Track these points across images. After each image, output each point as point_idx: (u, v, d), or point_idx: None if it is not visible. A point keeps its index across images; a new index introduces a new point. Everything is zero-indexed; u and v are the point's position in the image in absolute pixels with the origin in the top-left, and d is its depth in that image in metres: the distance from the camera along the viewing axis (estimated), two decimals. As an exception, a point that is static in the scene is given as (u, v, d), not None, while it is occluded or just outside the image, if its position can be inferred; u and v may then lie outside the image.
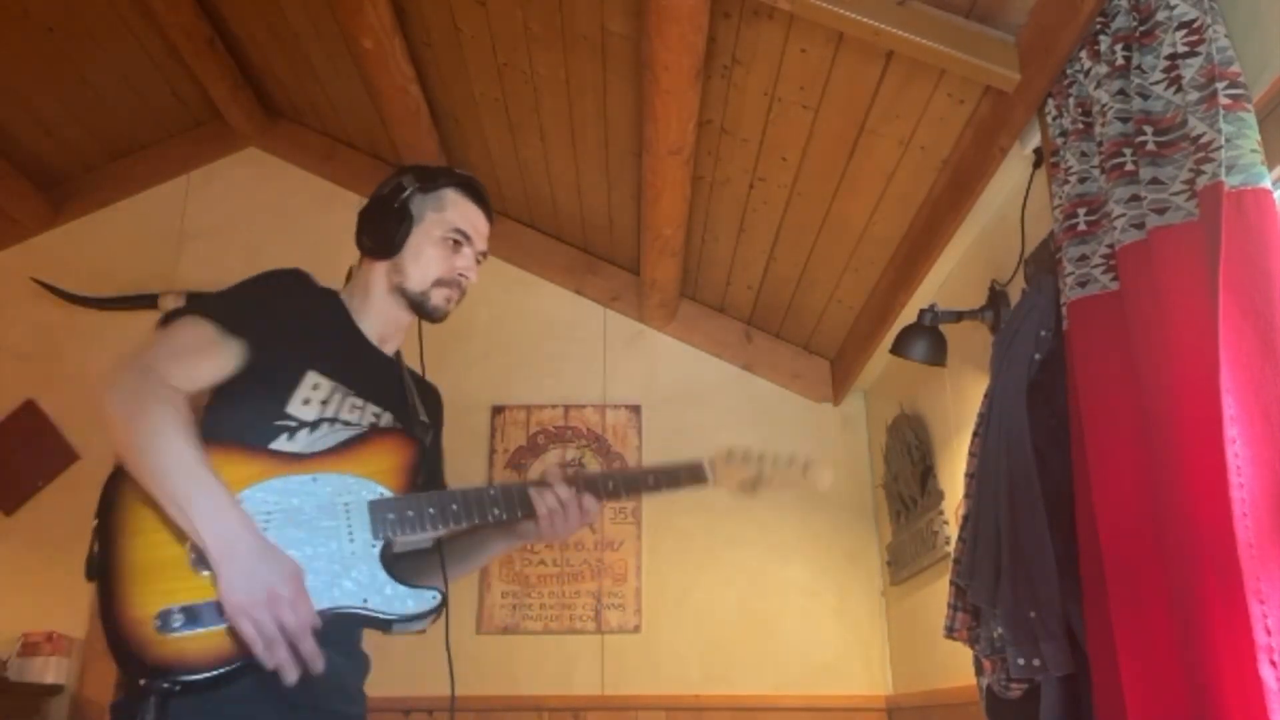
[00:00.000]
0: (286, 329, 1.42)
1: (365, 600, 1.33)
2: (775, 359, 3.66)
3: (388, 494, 1.38)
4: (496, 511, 1.44)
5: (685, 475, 1.52)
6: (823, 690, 3.23)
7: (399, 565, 1.39)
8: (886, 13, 2.02)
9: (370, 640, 1.48)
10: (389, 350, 1.60)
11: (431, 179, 1.57)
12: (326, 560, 1.31)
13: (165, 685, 1.18)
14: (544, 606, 3.32)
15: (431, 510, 1.39)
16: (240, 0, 3.25)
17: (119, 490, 1.28)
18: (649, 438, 3.54)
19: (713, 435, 3.54)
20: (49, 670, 3.16)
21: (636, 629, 3.31)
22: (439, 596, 1.37)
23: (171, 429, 1.25)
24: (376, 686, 1.54)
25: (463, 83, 3.11)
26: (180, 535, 1.24)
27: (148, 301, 3.62)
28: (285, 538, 1.29)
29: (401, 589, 1.35)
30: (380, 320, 1.56)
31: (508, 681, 3.22)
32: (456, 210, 1.57)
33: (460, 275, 1.56)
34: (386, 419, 1.52)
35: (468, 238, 1.57)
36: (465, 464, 3.47)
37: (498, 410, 3.58)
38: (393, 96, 3.08)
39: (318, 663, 1.25)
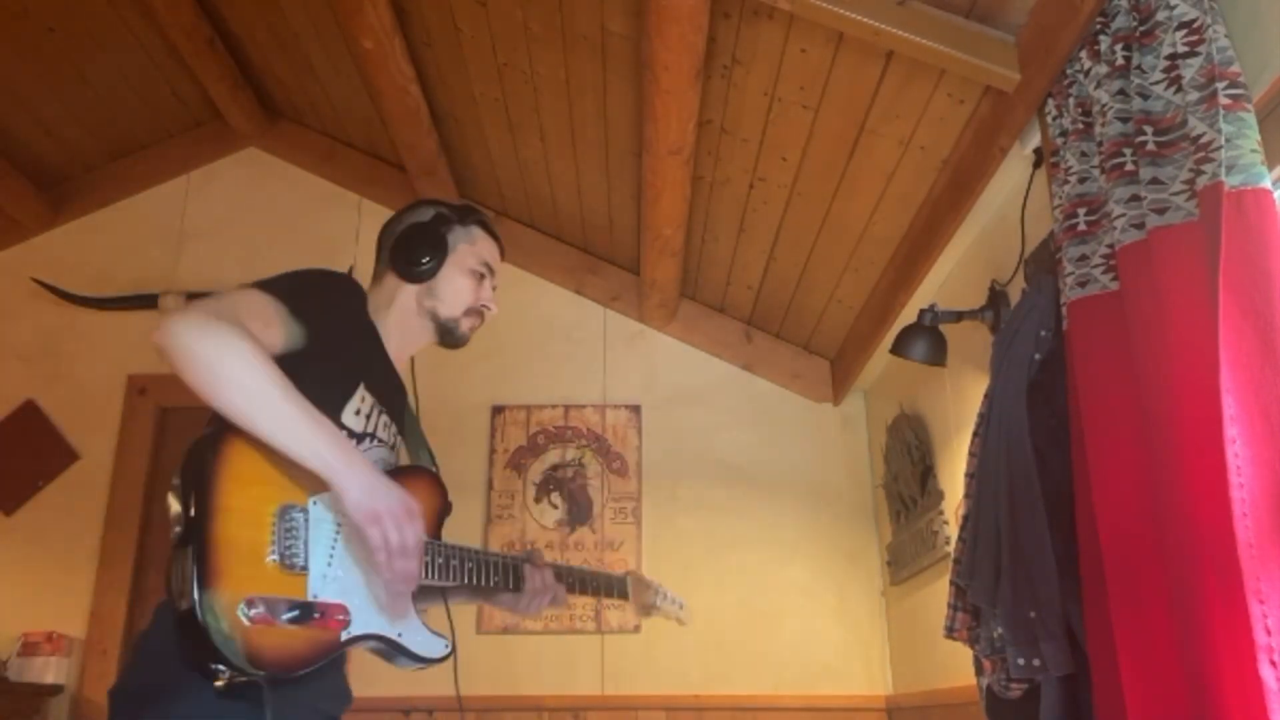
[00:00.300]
0: (345, 332, 1.46)
1: (400, 635, 1.38)
2: (775, 359, 3.66)
3: (423, 537, 1.40)
4: (496, 579, 1.56)
5: (617, 588, 1.83)
6: (823, 690, 3.24)
7: None
8: (886, 13, 2.02)
9: (370, 640, 1.49)
10: (399, 367, 1.64)
11: (466, 214, 1.68)
12: (377, 587, 1.35)
13: (240, 676, 1.17)
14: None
15: (455, 562, 1.48)
16: (240, 0, 3.25)
17: (216, 460, 1.23)
18: (649, 438, 3.54)
19: (713, 435, 3.55)
20: (49, 670, 3.16)
21: (636, 629, 3.31)
22: (449, 648, 1.45)
23: (263, 355, 1.24)
24: (377, 687, 1.56)
25: (463, 83, 3.11)
26: (266, 522, 1.24)
27: (148, 301, 3.62)
28: (350, 553, 1.32)
29: (422, 630, 1.42)
30: (402, 340, 1.61)
31: (508, 681, 3.22)
32: (484, 245, 1.68)
33: (484, 305, 1.66)
34: (399, 441, 1.58)
35: (491, 271, 1.67)
36: (465, 464, 3.47)
37: (498, 410, 3.58)
38: (393, 96, 3.07)
39: (413, 581, 1.31)
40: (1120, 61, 1.56)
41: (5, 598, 3.31)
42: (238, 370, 1.21)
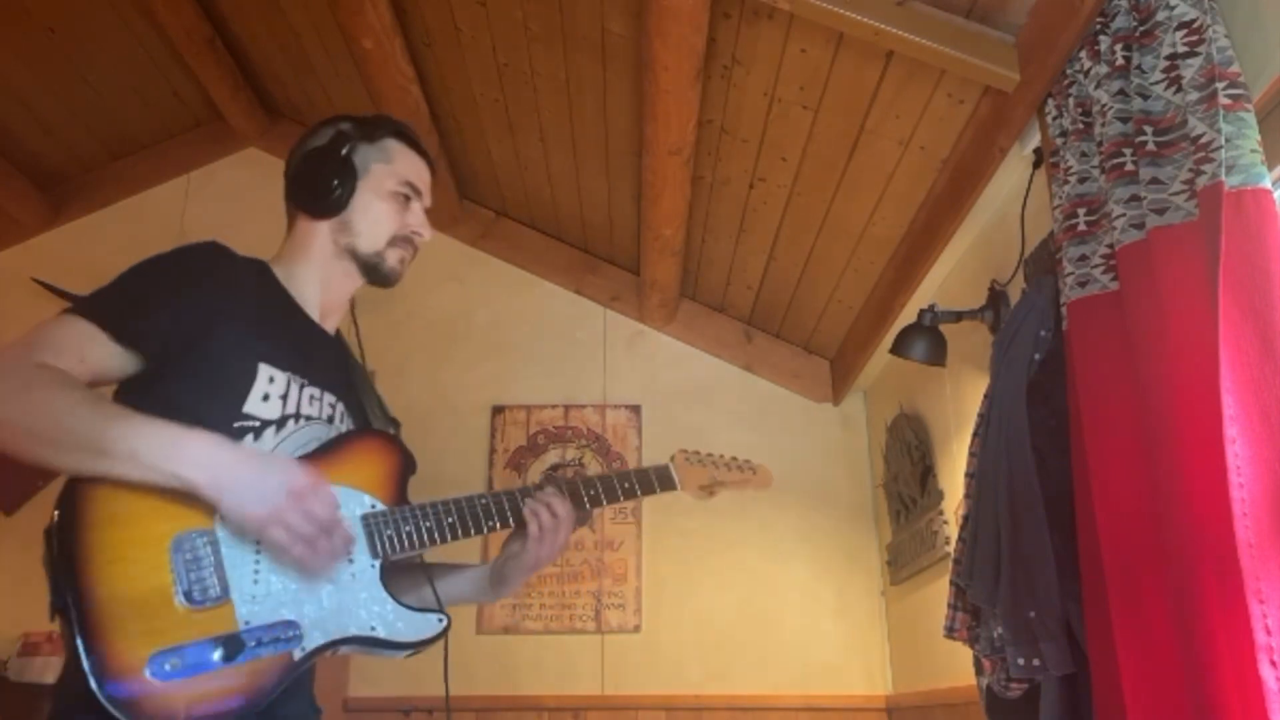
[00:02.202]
0: (215, 317, 1.23)
1: (373, 628, 1.22)
2: (775, 359, 3.66)
3: (380, 506, 1.27)
4: (490, 523, 1.35)
5: (658, 480, 1.52)
6: (823, 690, 3.23)
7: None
8: (886, 13, 2.02)
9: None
10: (330, 326, 1.43)
11: (373, 128, 1.43)
12: (330, 585, 1.19)
13: None
14: (544, 606, 3.32)
15: (428, 524, 1.29)
16: (240, 0, 3.25)
17: (82, 504, 1.08)
18: (649, 438, 3.54)
19: (713, 435, 3.54)
20: (49, 670, 3.16)
21: (636, 629, 3.31)
22: (444, 620, 1.28)
23: (77, 393, 1.07)
24: (376, 686, 1.53)
25: (463, 83, 3.11)
26: (161, 561, 1.07)
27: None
28: (280, 560, 1.15)
29: (405, 613, 1.25)
30: (324, 289, 1.39)
31: (508, 681, 3.22)
32: (403, 161, 1.43)
33: (414, 233, 1.42)
34: (340, 409, 1.37)
35: (417, 191, 1.43)
36: (465, 464, 3.47)
37: (498, 410, 3.58)
38: (393, 96, 3.07)
39: (351, 546, 1.17)
40: (1120, 61, 1.56)
41: (5, 598, 3.31)
42: (43, 421, 1.05)
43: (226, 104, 3.67)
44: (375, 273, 1.40)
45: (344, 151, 1.38)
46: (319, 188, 1.37)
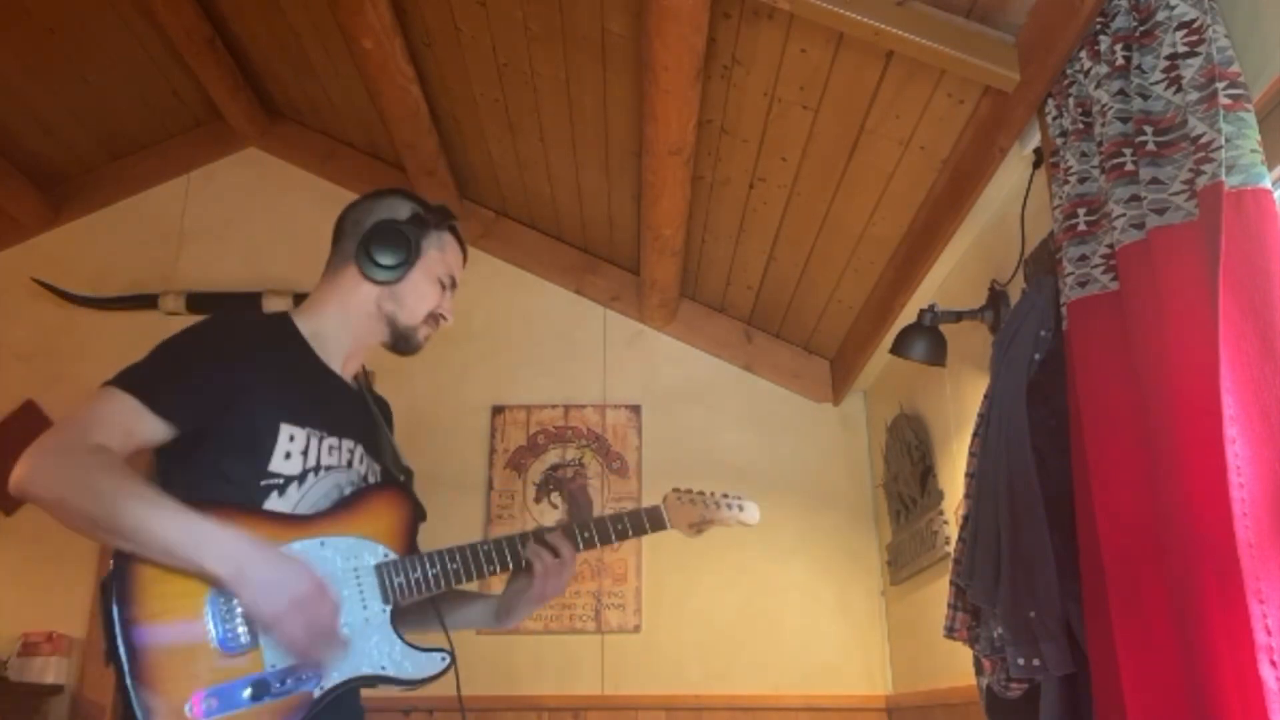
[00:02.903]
0: (239, 385, 1.35)
1: (384, 667, 1.37)
2: (775, 359, 3.66)
3: (391, 555, 1.41)
4: (491, 568, 1.49)
5: (649, 521, 1.64)
6: (823, 690, 3.23)
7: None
8: (886, 13, 2.02)
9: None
10: (349, 371, 1.55)
11: (438, 218, 1.58)
12: (346, 629, 1.33)
13: None
14: (544, 606, 3.31)
15: (434, 571, 1.43)
16: (240, 0, 3.25)
17: (131, 567, 1.22)
18: (649, 438, 3.54)
19: (713, 435, 3.55)
20: (49, 670, 3.16)
21: (636, 629, 3.31)
22: (448, 659, 1.42)
23: (126, 483, 1.21)
24: (377, 686, 1.53)
25: (463, 83, 3.11)
26: (200, 613, 1.23)
27: (148, 301, 3.62)
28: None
29: (413, 653, 1.40)
30: (350, 340, 1.53)
31: (508, 681, 3.22)
32: (452, 253, 1.60)
33: (442, 315, 1.59)
34: (359, 453, 1.50)
35: (454, 282, 1.61)
36: (465, 464, 3.47)
37: (498, 410, 3.58)
38: (393, 96, 3.07)
39: (343, 649, 1.30)
40: (1120, 61, 1.56)
41: (5, 598, 3.31)
42: (92, 506, 1.19)
43: (226, 104, 3.68)
44: (405, 342, 1.56)
45: (418, 233, 1.53)
46: (387, 259, 1.50)
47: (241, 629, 1.25)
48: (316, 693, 1.28)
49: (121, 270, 3.72)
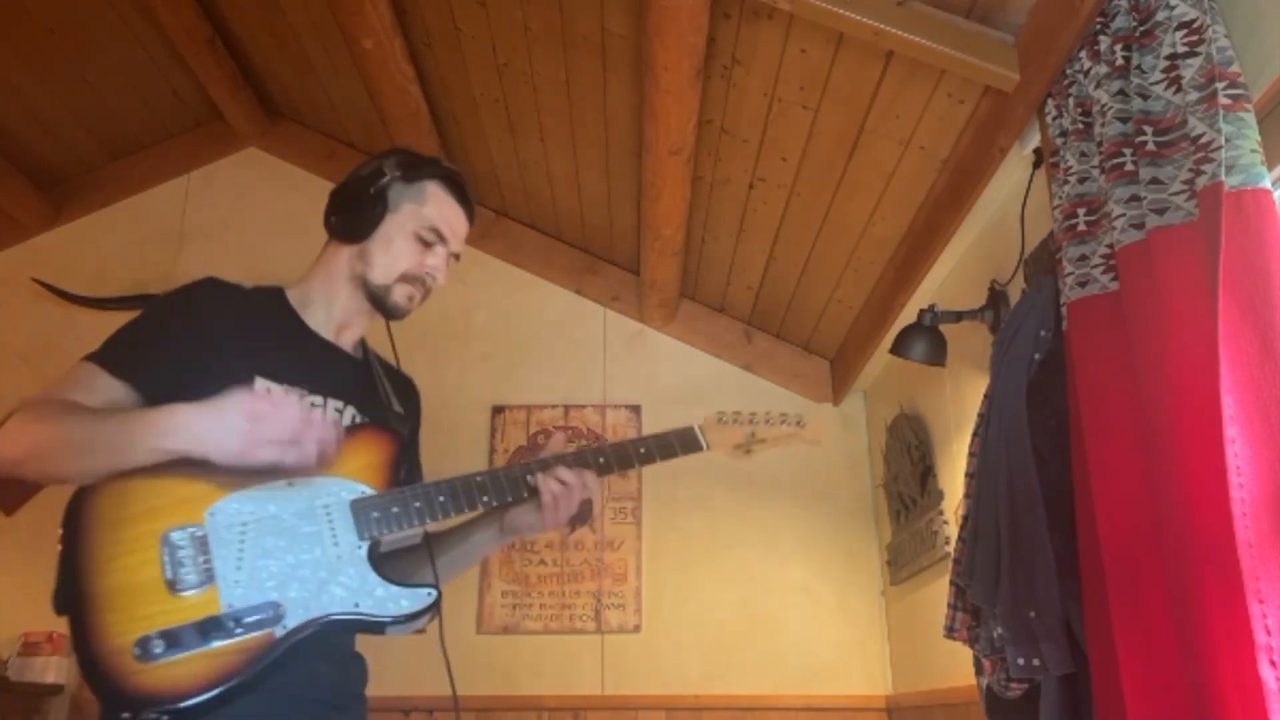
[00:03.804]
0: (218, 344, 1.34)
1: (356, 604, 1.27)
2: (775, 359, 3.66)
3: (369, 491, 1.33)
4: (485, 499, 1.40)
5: (679, 443, 1.52)
6: (823, 690, 3.23)
7: (387, 565, 1.33)
8: (886, 13, 2.02)
9: (370, 640, 1.46)
10: (348, 339, 1.50)
11: (415, 168, 1.47)
12: (312, 568, 1.26)
13: (152, 716, 1.14)
14: (544, 606, 3.32)
15: (417, 504, 1.34)
16: (240, 0, 3.25)
17: (81, 514, 1.21)
18: (649, 438, 3.54)
19: (713, 435, 3.54)
20: (49, 670, 3.16)
21: (636, 629, 3.31)
22: (434, 593, 1.32)
23: (78, 410, 1.22)
24: (376, 686, 1.53)
25: (463, 83, 3.11)
26: (152, 556, 1.19)
27: (148, 302, 3.62)
28: (264, 547, 1.24)
29: (393, 589, 1.29)
30: (337, 308, 1.47)
31: (508, 681, 3.22)
32: (436, 206, 1.47)
33: (427, 274, 1.47)
34: (350, 412, 1.43)
35: (442, 237, 1.48)
36: (465, 464, 3.44)
37: (498, 410, 3.58)
38: (393, 96, 3.08)
39: (331, 435, 1.25)
40: (1120, 61, 1.56)
41: (5, 598, 3.31)
42: (49, 438, 1.20)
43: (226, 104, 3.68)
44: (380, 304, 1.46)
45: (380, 185, 1.44)
46: (346, 213, 1.44)
47: (195, 568, 1.20)
48: (279, 632, 1.21)
49: (121, 270, 3.72)
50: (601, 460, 1.45)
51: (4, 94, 3.39)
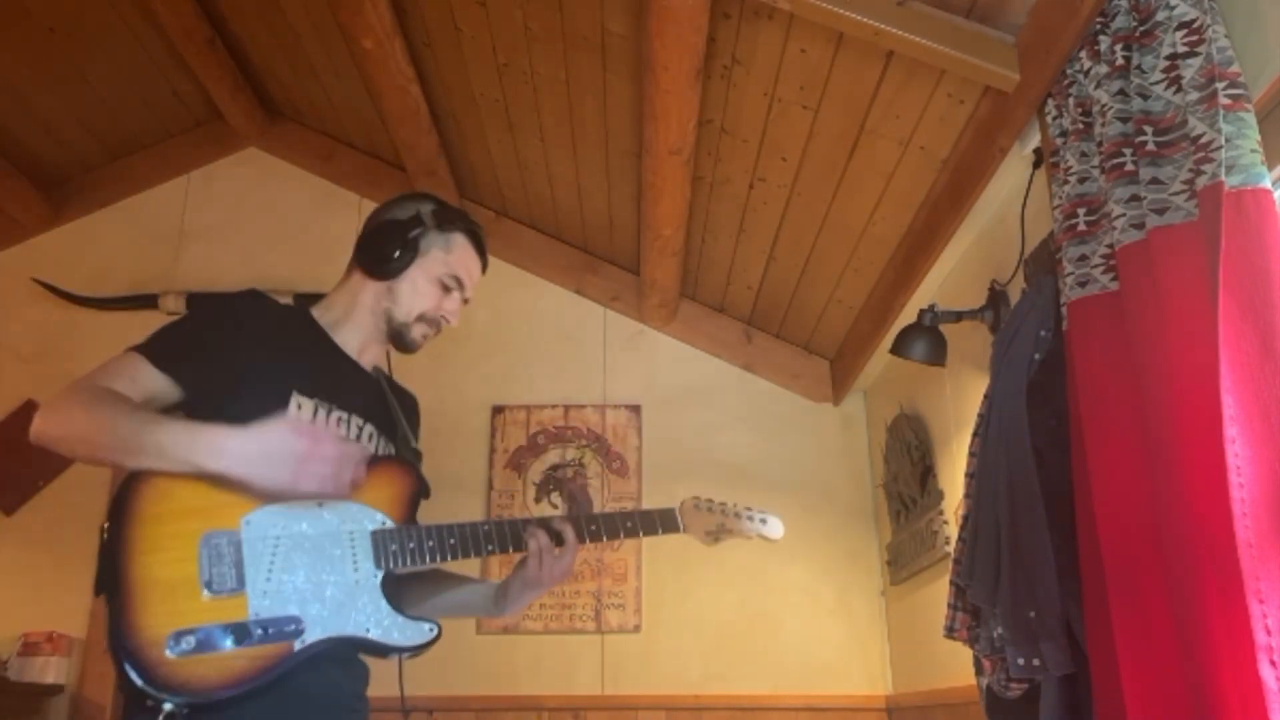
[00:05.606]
0: (248, 354, 1.42)
1: (368, 630, 1.36)
2: (775, 359, 3.66)
3: (389, 523, 1.42)
4: (491, 546, 1.49)
5: (661, 522, 1.63)
6: (823, 690, 3.23)
7: (390, 587, 1.42)
8: (886, 13, 2.02)
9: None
10: (367, 360, 1.60)
11: (449, 221, 1.61)
12: (334, 588, 1.34)
13: (174, 708, 1.19)
14: (544, 606, 3.32)
15: (431, 543, 1.44)
16: (240, 0, 3.25)
17: (126, 505, 1.26)
18: (649, 438, 3.54)
19: (713, 435, 3.55)
20: (49, 670, 3.16)
21: (636, 629, 3.31)
22: (435, 630, 1.41)
23: (124, 405, 1.29)
24: (376, 686, 1.54)
25: (463, 83, 3.11)
26: (190, 554, 1.26)
27: (148, 301, 3.62)
28: (293, 562, 1.32)
29: (400, 620, 1.39)
30: (360, 334, 1.58)
31: (508, 681, 3.22)
32: (460, 256, 1.61)
33: (443, 316, 1.60)
34: (369, 430, 1.53)
35: (461, 285, 1.61)
36: (465, 464, 3.47)
37: (498, 410, 3.58)
38: (393, 96, 3.07)
39: (363, 469, 1.35)
40: (1120, 61, 1.56)
41: (5, 598, 3.31)
42: (95, 429, 1.28)
43: (226, 104, 3.68)
44: (399, 339, 1.59)
45: (414, 233, 1.56)
46: (380, 254, 1.55)
47: (229, 573, 1.27)
48: (297, 645, 1.29)
49: (121, 270, 3.72)
50: (593, 528, 1.57)
51: (4, 94, 3.39)
